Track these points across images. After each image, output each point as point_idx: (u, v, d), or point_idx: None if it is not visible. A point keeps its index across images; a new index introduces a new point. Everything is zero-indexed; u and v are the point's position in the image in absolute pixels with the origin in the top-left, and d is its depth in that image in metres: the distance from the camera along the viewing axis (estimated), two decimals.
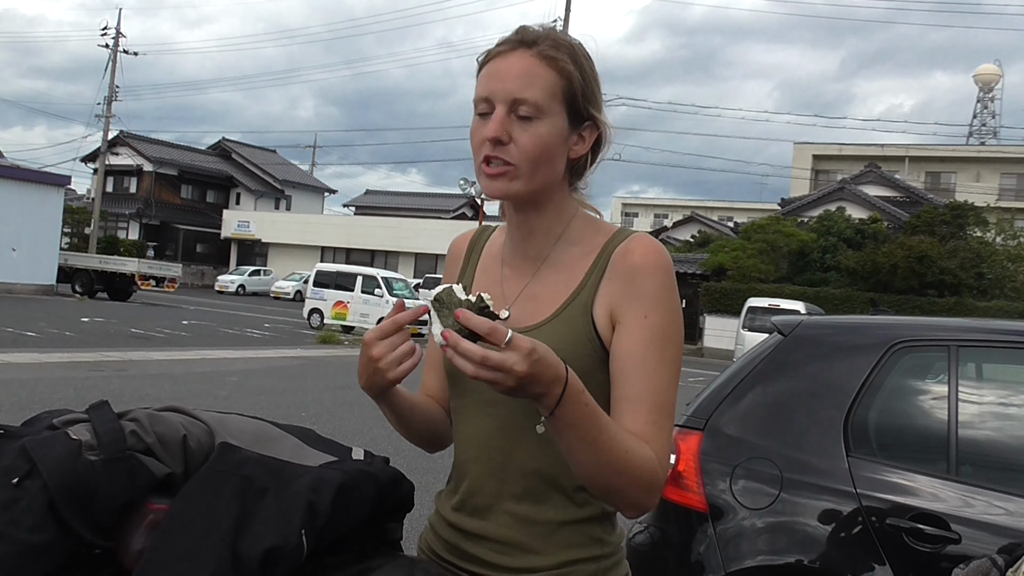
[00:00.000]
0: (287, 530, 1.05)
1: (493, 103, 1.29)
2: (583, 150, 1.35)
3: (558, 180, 1.35)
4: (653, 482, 1.22)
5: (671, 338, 1.29)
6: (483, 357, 1.07)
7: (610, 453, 1.16)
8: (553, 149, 1.30)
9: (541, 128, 1.28)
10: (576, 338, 1.30)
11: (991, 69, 61.65)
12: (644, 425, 1.24)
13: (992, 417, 3.00)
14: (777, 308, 19.36)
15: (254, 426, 1.22)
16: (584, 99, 1.32)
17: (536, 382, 1.09)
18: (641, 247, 1.31)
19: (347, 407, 10.43)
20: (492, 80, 1.30)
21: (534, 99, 1.27)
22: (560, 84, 1.29)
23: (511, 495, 1.32)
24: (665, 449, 1.25)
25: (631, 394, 1.25)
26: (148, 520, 1.05)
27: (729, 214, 60.75)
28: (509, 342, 1.07)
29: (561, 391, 1.11)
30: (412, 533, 1.41)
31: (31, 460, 1.01)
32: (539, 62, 1.29)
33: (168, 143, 53.60)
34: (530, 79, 1.28)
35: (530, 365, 1.07)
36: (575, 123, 1.33)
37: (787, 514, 2.79)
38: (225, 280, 42.47)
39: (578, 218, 1.40)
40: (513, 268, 1.41)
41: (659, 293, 1.28)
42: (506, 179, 1.30)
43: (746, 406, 3.03)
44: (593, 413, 1.15)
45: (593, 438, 1.15)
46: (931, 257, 28.34)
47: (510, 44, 1.32)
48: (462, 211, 51.95)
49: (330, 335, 20.73)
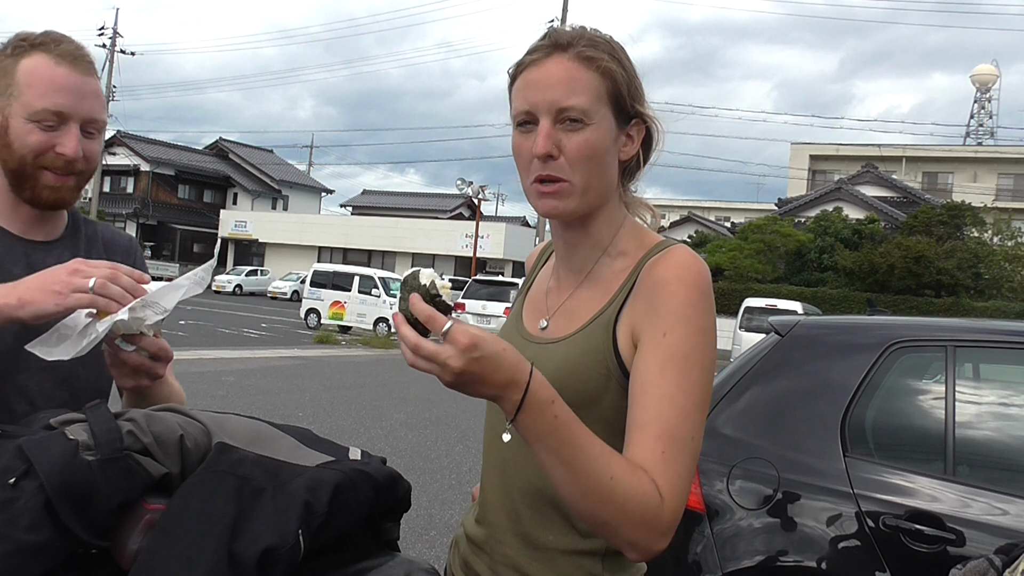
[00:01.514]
0: (284, 530, 1.05)
1: (536, 115, 1.22)
2: (633, 150, 1.28)
3: (611, 187, 1.28)
4: (648, 520, 1.08)
5: (694, 361, 1.16)
6: (415, 345, 1.01)
7: (588, 478, 1.05)
8: (605, 155, 1.23)
9: (590, 135, 1.21)
10: (594, 355, 1.22)
11: (988, 69, 61.72)
12: (650, 454, 1.11)
13: (989, 417, 3.01)
14: (774, 308, 19.39)
15: (251, 426, 1.22)
16: (630, 97, 1.25)
17: (479, 382, 1.02)
18: (671, 260, 1.21)
19: (344, 407, 10.42)
20: (531, 91, 1.22)
21: (580, 105, 1.20)
22: (604, 85, 1.22)
23: (516, 512, 1.29)
24: (674, 486, 1.10)
25: (641, 419, 1.14)
26: (144, 520, 1.05)
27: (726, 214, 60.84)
28: (446, 333, 1.00)
29: (520, 398, 1.03)
30: (409, 533, 1.41)
31: (27, 460, 1.01)
32: (579, 65, 1.21)
33: (165, 143, 53.58)
34: (573, 84, 1.20)
35: (467, 362, 0.99)
36: (622, 123, 1.26)
37: (784, 514, 2.79)
38: (222, 280, 42.41)
39: (625, 228, 1.32)
40: (559, 280, 1.36)
41: (683, 310, 1.16)
42: (561, 196, 1.23)
43: (743, 406, 3.03)
44: (564, 428, 1.05)
45: (567, 457, 1.05)
46: (928, 257, 28.40)
47: (543, 50, 1.24)
48: (459, 211, 52.00)
49: (327, 335, 20.73)
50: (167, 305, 1.29)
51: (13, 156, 1.41)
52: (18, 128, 1.40)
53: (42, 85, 1.39)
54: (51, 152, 1.41)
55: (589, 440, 1.07)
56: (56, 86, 1.39)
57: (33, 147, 1.40)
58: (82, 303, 1.23)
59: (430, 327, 1.01)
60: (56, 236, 1.53)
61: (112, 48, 40.86)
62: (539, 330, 1.35)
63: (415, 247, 43.33)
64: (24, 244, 1.47)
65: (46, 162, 1.41)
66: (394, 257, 43.53)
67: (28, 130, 1.39)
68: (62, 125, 1.41)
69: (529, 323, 1.38)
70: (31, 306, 1.21)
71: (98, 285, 1.23)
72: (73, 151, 1.41)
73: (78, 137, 1.42)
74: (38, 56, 1.40)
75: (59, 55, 1.41)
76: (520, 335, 1.37)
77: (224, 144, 56.03)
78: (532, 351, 1.29)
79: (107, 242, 1.62)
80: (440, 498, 6.23)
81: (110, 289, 1.23)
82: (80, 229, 1.58)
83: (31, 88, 1.39)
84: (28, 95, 1.39)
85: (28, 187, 1.43)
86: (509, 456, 1.30)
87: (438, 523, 5.46)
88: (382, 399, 11.44)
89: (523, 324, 1.39)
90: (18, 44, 1.43)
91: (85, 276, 1.23)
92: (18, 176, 1.42)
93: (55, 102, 1.39)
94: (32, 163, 1.41)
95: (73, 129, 1.41)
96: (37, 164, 1.41)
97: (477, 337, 1.00)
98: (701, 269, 1.20)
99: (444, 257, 42.77)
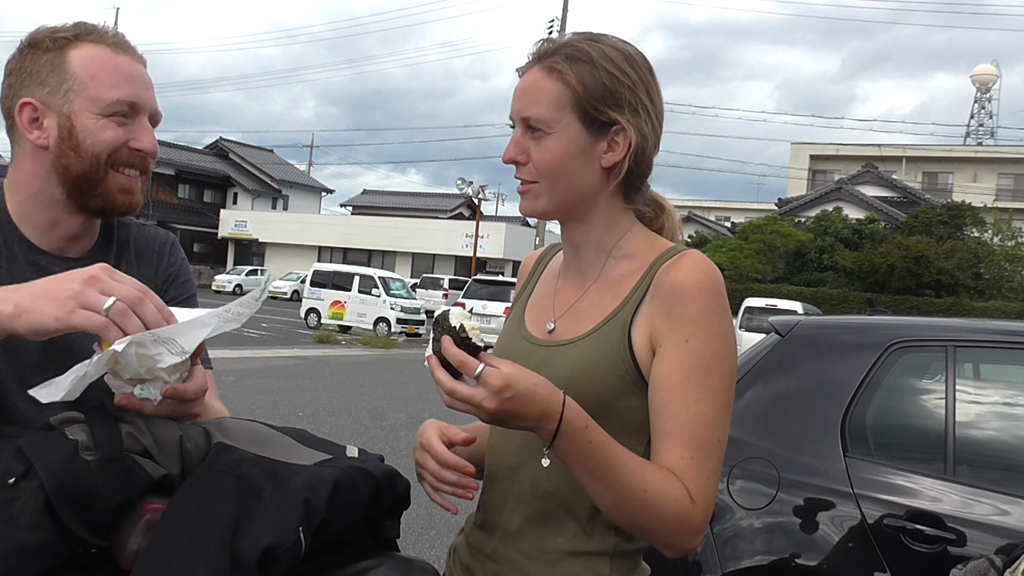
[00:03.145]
0: (284, 528, 1.05)
1: (514, 123, 1.30)
2: (616, 157, 1.28)
3: (591, 192, 1.30)
4: (682, 523, 1.15)
5: (716, 366, 1.19)
6: (451, 390, 1.06)
7: (624, 491, 1.12)
8: (569, 162, 1.26)
9: (551, 143, 1.25)
10: (609, 357, 1.24)
11: (988, 69, 61.76)
12: (679, 461, 1.17)
13: (989, 417, 3.01)
14: (774, 308, 19.36)
15: (249, 427, 1.22)
16: (604, 103, 1.26)
17: (515, 418, 1.07)
18: (687, 265, 1.24)
19: (344, 407, 10.43)
20: (513, 100, 1.30)
21: (538, 115, 1.25)
22: (568, 94, 1.25)
23: (524, 516, 1.29)
24: (703, 488, 1.17)
25: (668, 427, 1.18)
26: (144, 519, 1.05)
27: (726, 214, 60.87)
28: (479, 376, 1.05)
29: (556, 427, 1.08)
30: (409, 533, 1.41)
31: (27, 460, 1.01)
32: (544, 75, 1.27)
33: (165, 142, 53.53)
34: (536, 95, 1.26)
35: (500, 403, 1.05)
36: (597, 130, 1.27)
37: (784, 514, 2.79)
38: (222, 280, 42.42)
39: (633, 232, 1.34)
40: (567, 282, 1.38)
41: (703, 316, 1.20)
42: (531, 197, 1.29)
43: (743, 406, 3.03)
44: (599, 450, 1.11)
45: (602, 474, 1.11)
46: (928, 257, 28.41)
47: (530, 59, 1.31)
48: (459, 211, 51.99)
49: (327, 335, 20.75)
50: (186, 346, 1.06)
51: (84, 158, 1.25)
52: (88, 125, 1.25)
53: (110, 75, 1.25)
54: (125, 149, 1.28)
55: (622, 457, 1.13)
56: (124, 75, 1.27)
57: (110, 144, 1.26)
58: (91, 326, 1.03)
59: (463, 372, 1.06)
60: (87, 251, 1.36)
61: None
62: (546, 333, 1.34)
63: (415, 247, 43.35)
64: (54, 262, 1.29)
65: (119, 160, 1.27)
66: (394, 257, 43.55)
67: (101, 126, 1.25)
68: (135, 117, 1.28)
69: (533, 326, 1.38)
70: (29, 316, 1.02)
71: (116, 310, 1.02)
72: (152, 144, 1.30)
73: (151, 130, 1.31)
74: (90, 46, 1.27)
75: (114, 44, 1.28)
76: (524, 338, 1.37)
77: (224, 144, 56.03)
78: (541, 354, 1.30)
79: (139, 248, 1.44)
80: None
81: (129, 320, 1.03)
82: (112, 238, 1.41)
83: (96, 80, 1.25)
84: (94, 88, 1.25)
85: (99, 193, 1.28)
86: (520, 460, 1.30)
87: (438, 523, 5.45)
88: (382, 399, 11.44)
89: (526, 327, 1.39)
90: (56, 37, 1.27)
91: (103, 291, 1.03)
92: (87, 182, 1.27)
93: (128, 92, 1.26)
94: (105, 163, 1.27)
95: (146, 122, 1.30)
96: (109, 164, 1.27)
97: (509, 377, 1.06)
98: (717, 274, 1.24)
99: (444, 257, 42.79)
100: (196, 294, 1.52)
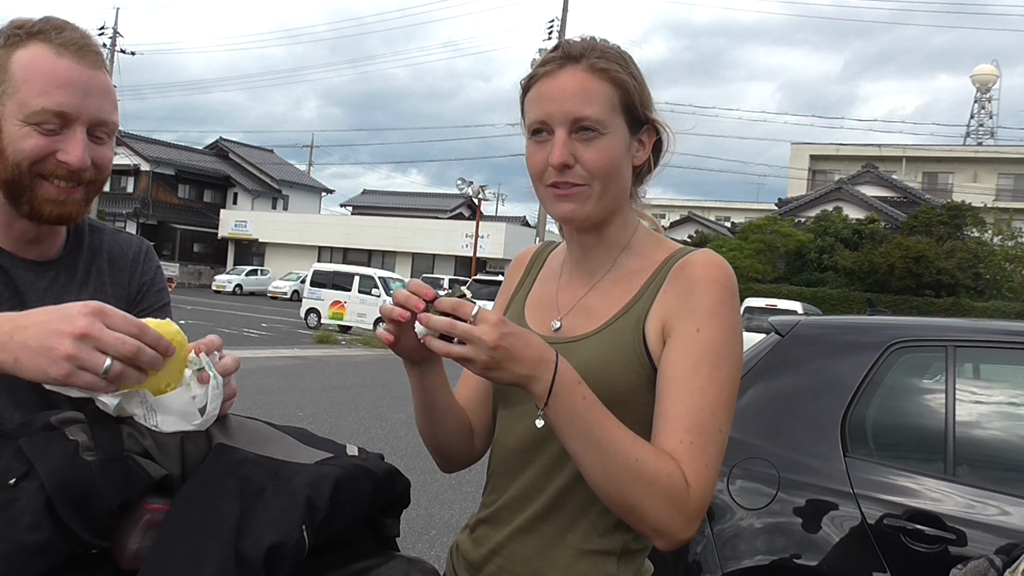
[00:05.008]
0: (288, 527, 1.05)
1: (551, 126, 1.25)
2: (645, 156, 1.32)
3: (626, 193, 1.32)
4: (675, 499, 1.11)
5: (724, 357, 1.20)
6: (450, 324, 1.06)
7: (616, 458, 1.10)
8: (621, 162, 1.27)
9: (606, 143, 1.24)
10: (624, 351, 1.24)
11: (988, 70, 61.76)
12: (678, 444, 1.15)
13: (989, 417, 3.01)
14: (774, 308, 19.36)
15: (250, 427, 1.22)
16: (641, 104, 1.28)
17: (512, 359, 1.07)
18: (703, 260, 1.26)
19: (344, 407, 10.43)
20: (546, 102, 1.25)
21: (595, 115, 1.23)
22: (617, 95, 1.26)
23: (535, 512, 1.29)
24: (700, 473, 1.14)
25: (671, 412, 1.17)
26: (144, 519, 1.05)
27: (726, 214, 60.89)
28: (476, 315, 1.06)
29: (552, 376, 1.08)
30: (409, 533, 1.41)
31: (28, 461, 1.01)
32: (592, 76, 1.25)
33: (165, 143, 53.58)
34: (588, 95, 1.24)
35: (499, 336, 1.05)
36: (634, 130, 1.29)
37: (784, 514, 2.79)
38: (222, 280, 42.41)
39: (640, 231, 1.36)
40: (571, 279, 1.38)
41: (715, 308, 1.21)
42: (580, 199, 1.26)
43: (743, 406, 3.02)
44: (594, 408, 1.11)
45: (596, 439, 1.10)
46: (928, 257, 28.41)
47: (556, 62, 1.27)
48: (459, 211, 52.01)
49: (327, 335, 20.75)
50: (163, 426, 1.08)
51: (6, 165, 1.20)
52: (12, 132, 1.19)
53: (41, 81, 1.19)
54: (52, 159, 1.21)
55: (615, 422, 1.13)
56: (57, 81, 1.19)
57: (29, 154, 1.20)
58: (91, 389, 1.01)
59: (458, 312, 1.07)
60: (53, 255, 1.32)
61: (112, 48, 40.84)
62: (552, 331, 1.34)
63: (415, 247, 43.35)
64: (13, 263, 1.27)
65: (46, 171, 1.21)
66: (394, 257, 43.54)
67: (24, 134, 1.19)
68: (65, 128, 1.21)
69: (536, 324, 1.38)
70: (27, 371, 1.00)
71: (114, 372, 0.99)
72: (78, 159, 1.21)
73: (84, 142, 1.22)
74: (36, 46, 1.20)
75: (61, 45, 1.21)
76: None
77: (224, 144, 56.02)
78: None
79: (113, 255, 1.40)
80: (440, 498, 6.22)
81: (127, 378, 1.01)
82: (83, 244, 1.37)
83: (27, 84, 1.18)
84: (24, 93, 1.18)
85: (26, 200, 1.23)
86: (533, 457, 1.30)
87: (438, 523, 5.45)
88: (382, 399, 11.44)
89: (528, 326, 1.38)
90: (12, 33, 1.22)
91: (98, 346, 0.98)
92: (13, 188, 1.22)
93: (56, 101, 1.19)
94: (29, 172, 1.21)
95: (79, 133, 1.21)
96: (35, 173, 1.21)
97: (504, 319, 1.08)
98: (731, 272, 1.26)
99: (444, 257, 42.78)
100: (170, 302, 1.48)
